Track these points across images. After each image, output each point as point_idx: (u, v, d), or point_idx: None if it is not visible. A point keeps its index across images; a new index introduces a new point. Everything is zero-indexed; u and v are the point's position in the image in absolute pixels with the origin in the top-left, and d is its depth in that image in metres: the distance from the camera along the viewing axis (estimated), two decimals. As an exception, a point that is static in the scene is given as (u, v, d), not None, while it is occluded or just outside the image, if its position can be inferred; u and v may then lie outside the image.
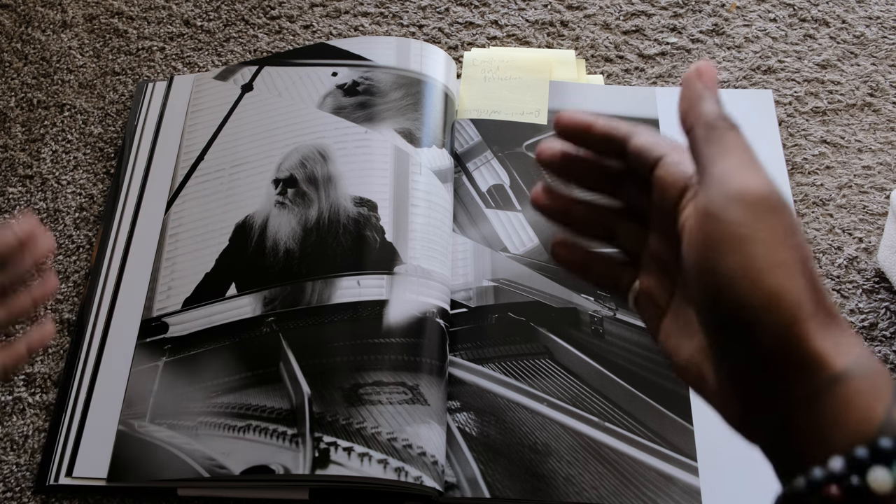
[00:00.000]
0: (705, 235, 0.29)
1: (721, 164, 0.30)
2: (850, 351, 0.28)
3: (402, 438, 0.49)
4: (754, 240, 0.28)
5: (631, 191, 0.36)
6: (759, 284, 0.27)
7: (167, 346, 0.55)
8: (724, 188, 0.29)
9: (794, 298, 0.27)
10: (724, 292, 0.28)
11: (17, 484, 0.51)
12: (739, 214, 0.28)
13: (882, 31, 0.70)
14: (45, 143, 0.65)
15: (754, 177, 0.29)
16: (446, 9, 0.72)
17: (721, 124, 0.31)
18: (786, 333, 0.27)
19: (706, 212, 0.29)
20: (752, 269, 0.28)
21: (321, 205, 0.58)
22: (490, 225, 0.59)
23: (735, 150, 0.30)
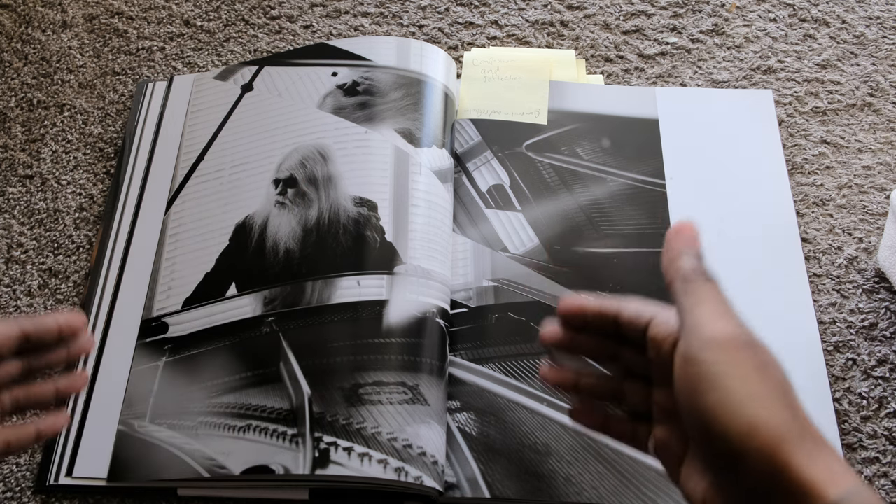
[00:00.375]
0: (687, 378, 0.32)
1: (696, 313, 0.33)
2: (844, 479, 0.29)
3: (402, 438, 0.49)
4: (729, 376, 0.31)
5: (630, 355, 0.39)
6: (737, 416, 0.30)
7: (167, 346, 0.55)
8: (699, 334, 0.32)
9: (773, 426, 0.29)
10: (709, 427, 0.30)
11: (17, 484, 0.51)
12: (713, 355, 0.31)
13: (882, 31, 0.70)
14: (45, 143, 0.65)
15: (725, 323, 0.32)
16: (446, 9, 0.72)
17: (696, 278, 0.35)
18: (771, 461, 0.29)
19: (685, 357, 0.32)
20: (730, 402, 0.30)
21: (321, 205, 0.58)
22: (490, 225, 0.59)
23: (708, 300, 0.34)
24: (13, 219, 0.62)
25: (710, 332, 0.32)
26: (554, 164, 0.62)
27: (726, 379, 0.31)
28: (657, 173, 0.62)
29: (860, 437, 0.52)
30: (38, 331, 0.42)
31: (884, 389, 0.54)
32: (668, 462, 0.36)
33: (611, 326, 0.39)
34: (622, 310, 0.38)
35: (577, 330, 0.41)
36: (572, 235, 0.59)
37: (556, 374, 0.41)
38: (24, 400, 0.43)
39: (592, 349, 0.40)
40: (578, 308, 0.40)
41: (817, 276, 0.58)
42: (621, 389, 0.40)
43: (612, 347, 0.40)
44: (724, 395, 0.30)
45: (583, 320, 0.40)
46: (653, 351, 0.36)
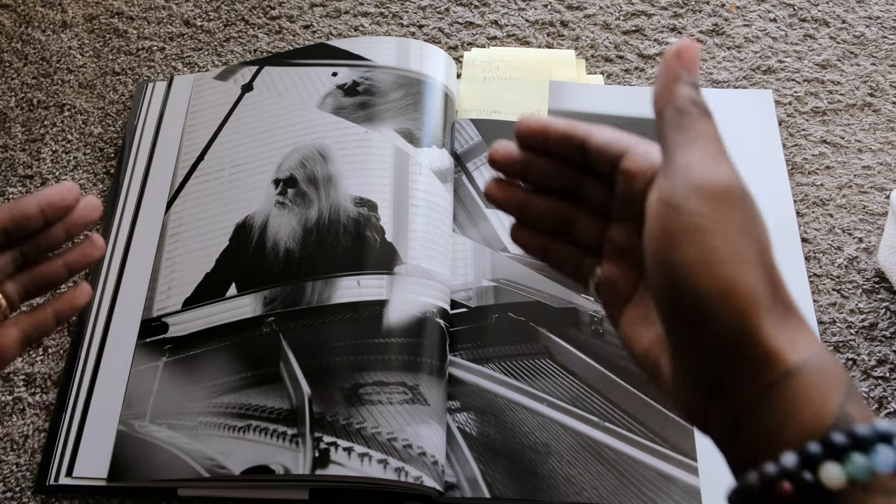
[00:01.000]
0: (665, 226, 0.29)
1: (686, 152, 0.29)
2: (806, 346, 0.28)
3: (402, 438, 0.49)
4: (713, 231, 0.28)
5: (588, 187, 0.36)
6: (716, 276, 0.27)
7: (167, 346, 0.55)
8: (687, 178, 0.29)
9: (750, 291, 0.27)
10: (681, 283, 0.28)
11: (17, 484, 0.51)
12: (700, 205, 0.28)
13: (882, 31, 0.70)
14: (45, 143, 0.65)
15: (719, 168, 0.29)
16: (446, 9, 0.72)
17: (693, 110, 0.30)
18: (740, 326, 0.27)
19: (667, 202, 0.29)
20: (709, 260, 0.27)
21: (321, 205, 0.58)
22: (490, 225, 0.59)
23: (703, 138, 0.30)
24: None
25: (700, 176, 0.28)
26: (554, 164, 0.62)
27: (709, 235, 0.28)
28: (657, 173, 0.61)
29: (860, 437, 0.52)
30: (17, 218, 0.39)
31: (884, 389, 0.54)
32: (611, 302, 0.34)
33: (575, 152, 0.35)
34: (592, 134, 0.35)
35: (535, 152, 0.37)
36: (572, 235, 0.59)
37: (504, 190, 0.38)
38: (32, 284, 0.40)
39: (549, 175, 0.37)
40: (541, 127, 0.36)
41: (817, 276, 0.58)
42: (572, 219, 0.36)
43: (571, 175, 0.36)
44: (705, 251, 0.27)
45: (544, 141, 0.36)
46: (623, 184, 0.33)
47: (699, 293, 0.27)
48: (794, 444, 0.26)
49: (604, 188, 0.36)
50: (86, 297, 0.42)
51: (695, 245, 0.28)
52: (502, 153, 0.37)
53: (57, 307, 0.42)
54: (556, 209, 0.37)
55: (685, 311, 0.28)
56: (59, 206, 0.40)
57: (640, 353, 0.32)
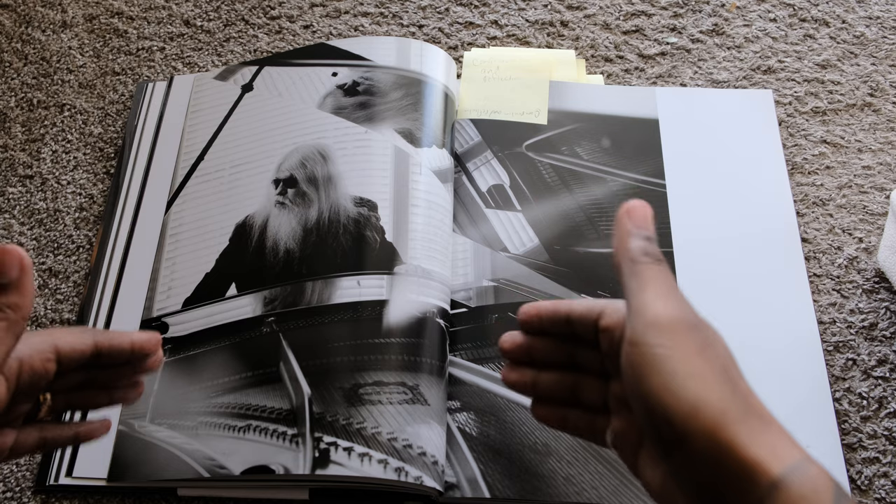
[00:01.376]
0: (631, 362, 0.32)
1: (640, 296, 0.33)
2: (788, 454, 0.29)
3: (403, 438, 0.49)
4: (671, 358, 0.30)
5: (584, 353, 0.39)
6: (680, 397, 0.30)
7: (167, 347, 0.55)
8: (642, 318, 0.32)
9: (715, 405, 0.29)
10: (653, 409, 0.30)
11: (17, 484, 0.51)
12: (655, 338, 0.31)
13: (882, 31, 0.70)
14: (45, 143, 0.65)
15: (667, 304, 0.32)
16: (446, 9, 0.72)
17: (644, 259, 0.34)
18: (714, 441, 0.29)
19: (630, 341, 0.32)
20: (672, 384, 0.30)
21: (321, 205, 0.58)
22: (490, 225, 0.59)
23: (653, 282, 0.33)
24: (13, 219, 0.62)
25: (652, 313, 0.32)
26: (554, 164, 0.62)
27: (668, 361, 0.30)
28: (657, 173, 0.62)
29: (860, 437, 0.52)
30: (112, 348, 0.41)
31: (884, 389, 0.54)
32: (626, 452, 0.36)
33: (564, 326, 0.39)
34: (573, 307, 0.39)
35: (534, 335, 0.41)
36: (572, 235, 0.59)
37: (516, 375, 0.42)
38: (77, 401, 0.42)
39: (549, 352, 0.41)
40: (535, 312, 0.40)
41: (817, 276, 0.58)
42: (577, 386, 0.40)
43: (567, 348, 0.40)
44: (666, 378, 0.30)
45: (539, 324, 0.40)
46: (605, 342, 0.37)
47: (669, 416, 0.30)
48: None
49: (594, 353, 0.39)
50: (105, 432, 0.44)
51: (657, 373, 0.30)
52: (509, 342, 0.41)
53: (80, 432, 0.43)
54: (562, 381, 0.40)
55: (663, 435, 0.30)
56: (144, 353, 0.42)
57: (657, 491, 0.34)
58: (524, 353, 0.41)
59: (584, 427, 0.40)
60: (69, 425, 0.42)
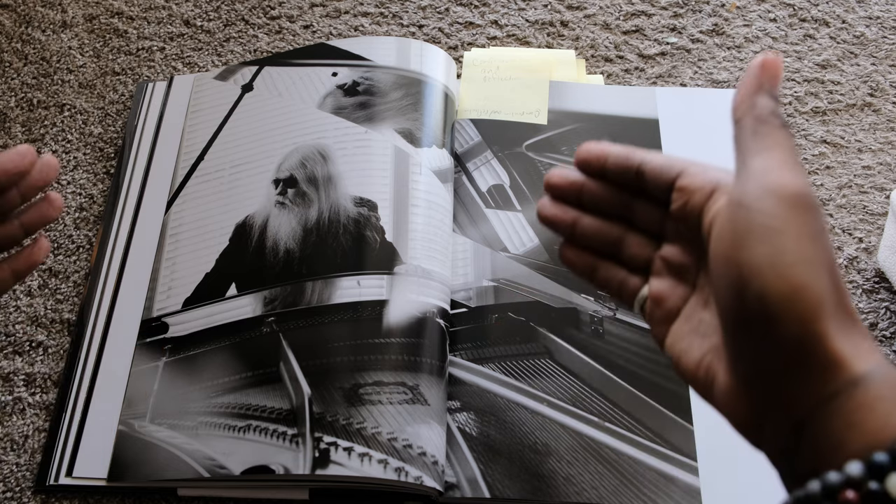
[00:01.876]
0: (736, 226, 0.29)
1: (762, 158, 0.30)
2: (870, 356, 0.28)
3: (403, 438, 0.49)
4: (784, 233, 0.28)
5: (639, 209, 0.37)
6: (785, 276, 0.28)
7: (167, 346, 0.55)
8: (761, 181, 0.29)
9: (817, 294, 0.28)
10: (749, 282, 0.28)
11: (17, 484, 0.51)
12: (773, 207, 0.29)
13: (882, 31, 0.70)
14: (45, 143, 0.65)
15: (793, 175, 0.30)
16: (446, 9, 0.72)
17: (772, 120, 0.31)
18: (807, 329, 0.27)
19: (740, 202, 0.30)
20: (780, 261, 0.28)
21: (321, 205, 0.58)
22: (490, 225, 0.59)
23: (779, 147, 0.31)
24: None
25: (776, 180, 0.29)
26: (554, 164, 0.62)
27: (781, 235, 0.28)
28: (657, 173, 0.62)
29: (860, 437, 0.52)
30: None
31: (884, 389, 0.54)
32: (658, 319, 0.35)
33: (631, 177, 0.37)
34: (647, 158, 0.36)
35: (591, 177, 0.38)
36: (572, 235, 0.59)
37: (557, 210, 0.39)
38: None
39: (603, 198, 0.38)
40: (601, 152, 0.38)
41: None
42: (620, 240, 0.38)
43: (624, 198, 0.38)
44: (775, 252, 0.28)
45: (602, 167, 0.38)
46: (680, 202, 0.35)
47: (767, 294, 0.28)
48: (858, 454, 0.26)
49: (655, 210, 0.37)
50: (44, 253, 0.42)
51: (765, 245, 0.28)
52: (559, 177, 0.39)
53: (15, 265, 0.42)
54: (605, 230, 0.38)
55: (750, 312, 0.28)
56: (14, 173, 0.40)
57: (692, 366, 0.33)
58: (572, 192, 0.39)
59: (614, 282, 0.38)
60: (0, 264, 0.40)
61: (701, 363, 0.32)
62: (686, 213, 0.34)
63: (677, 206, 0.35)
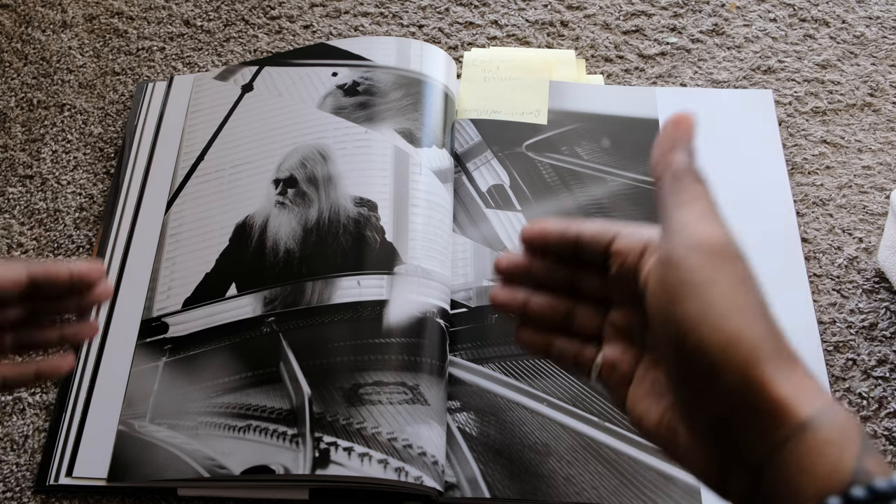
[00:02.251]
0: (667, 282, 0.30)
1: (683, 213, 0.31)
2: (815, 398, 0.28)
3: (403, 438, 0.49)
4: (713, 285, 0.29)
5: (584, 279, 0.38)
6: (719, 327, 0.28)
7: (167, 346, 0.55)
8: (684, 236, 0.30)
9: (752, 341, 0.28)
10: (685, 337, 0.29)
11: (17, 484, 0.51)
12: (699, 261, 0.29)
13: (882, 31, 0.70)
14: (45, 143, 0.65)
15: (713, 227, 0.30)
16: (446, 9, 0.72)
17: (687, 176, 0.33)
18: (746, 377, 0.28)
19: (667, 259, 0.30)
20: (712, 313, 0.29)
21: (321, 205, 0.58)
22: (490, 225, 0.59)
23: (697, 200, 0.32)
24: (13, 219, 0.62)
25: (698, 234, 0.30)
26: (554, 164, 0.62)
27: (710, 287, 0.29)
28: (657, 173, 0.62)
29: (860, 437, 0.52)
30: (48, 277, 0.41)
31: (884, 389, 0.54)
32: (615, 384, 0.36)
33: (570, 248, 0.38)
34: (584, 229, 0.37)
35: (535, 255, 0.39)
36: (572, 235, 0.59)
37: (507, 294, 0.40)
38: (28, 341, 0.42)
39: (547, 273, 0.39)
40: (541, 231, 0.39)
41: (817, 276, 0.58)
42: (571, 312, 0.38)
43: (568, 271, 0.39)
44: (706, 305, 0.29)
45: (544, 244, 0.39)
46: (616, 265, 0.35)
47: (703, 346, 0.28)
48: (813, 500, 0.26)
49: (597, 278, 0.38)
50: (68, 367, 0.44)
51: (696, 299, 0.29)
52: (506, 262, 0.40)
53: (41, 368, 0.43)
54: (555, 305, 0.39)
55: (691, 365, 0.29)
56: (87, 282, 0.42)
57: (653, 426, 0.33)
58: (520, 274, 0.40)
59: (570, 356, 0.38)
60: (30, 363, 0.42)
61: (661, 423, 0.33)
62: (623, 274, 0.35)
63: (615, 269, 0.36)
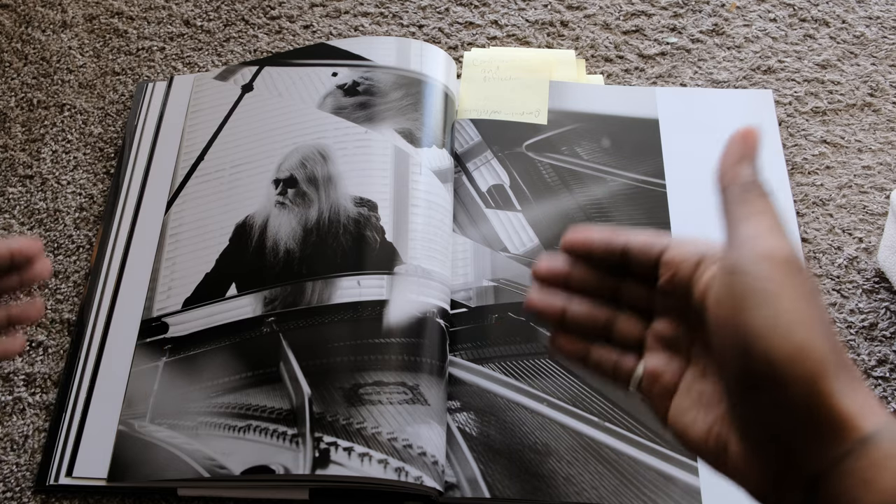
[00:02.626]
0: (734, 292, 0.30)
1: (751, 225, 0.32)
2: (876, 413, 0.28)
3: (403, 438, 0.49)
4: (782, 296, 0.29)
5: (627, 288, 0.38)
6: (788, 337, 0.28)
7: (167, 347, 0.55)
8: (753, 247, 0.31)
9: (819, 354, 0.28)
10: (753, 346, 0.29)
11: (17, 484, 0.51)
12: (767, 272, 0.30)
13: (882, 31, 0.70)
14: (45, 143, 0.65)
15: (780, 240, 0.31)
16: (446, 9, 0.72)
17: (755, 188, 0.33)
18: (813, 389, 0.28)
19: (734, 269, 0.31)
20: (781, 323, 0.29)
21: (321, 205, 0.58)
22: (490, 225, 0.59)
23: (764, 214, 0.32)
24: (13, 219, 0.62)
25: (766, 245, 0.30)
26: (554, 164, 0.62)
27: (778, 298, 0.29)
28: (657, 173, 0.62)
29: (860, 437, 0.52)
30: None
31: (884, 389, 0.54)
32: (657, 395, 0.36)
33: (616, 259, 0.38)
34: (632, 239, 0.37)
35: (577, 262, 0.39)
36: (572, 235, 0.59)
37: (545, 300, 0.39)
38: None
39: (590, 283, 0.39)
40: (586, 239, 0.38)
41: (817, 276, 0.58)
42: (610, 322, 0.38)
43: (611, 280, 0.38)
44: (774, 315, 0.29)
45: (587, 252, 0.38)
46: (667, 275, 0.35)
47: (771, 356, 0.28)
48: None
49: (641, 287, 0.38)
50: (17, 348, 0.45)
51: (765, 308, 0.29)
52: (546, 267, 0.39)
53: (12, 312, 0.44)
54: (594, 314, 0.39)
55: (757, 376, 0.29)
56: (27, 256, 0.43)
57: (700, 437, 0.33)
58: (560, 281, 0.39)
59: (607, 366, 0.38)
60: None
61: (710, 434, 0.33)
62: (674, 285, 0.35)
63: (665, 279, 0.36)
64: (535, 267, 0.40)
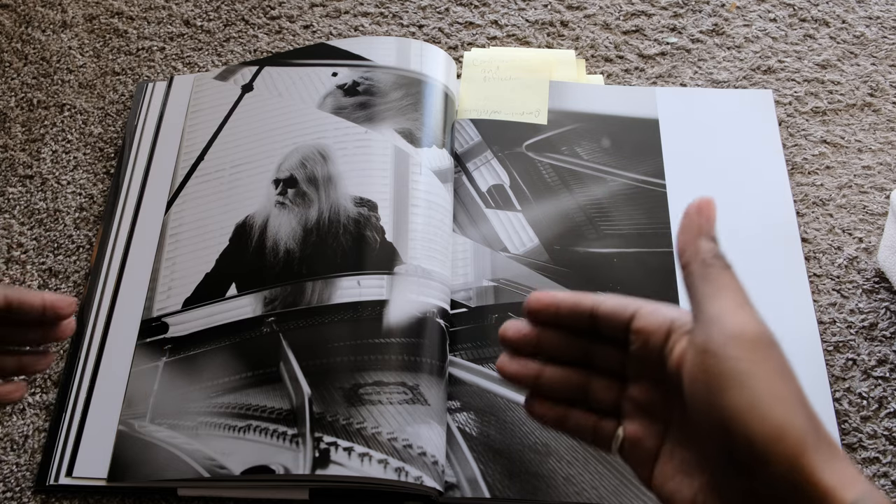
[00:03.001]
0: (707, 372, 0.30)
1: (716, 302, 0.31)
2: (856, 482, 0.29)
3: (403, 438, 0.49)
4: (756, 375, 0.29)
5: (599, 352, 0.38)
6: (767, 419, 0.29)
7: (167, 346, 0.55)
8: (721, 327, 0.31)
9: (797, 431, 0.29)
10: (732, 428, 0.29)
11: (17, 484, 0.51)
12: (738, 352, 0.30)
13: (882, 31, 0.70)
14: (45, 143, 0.65)
15: (748, 317, 0.31)
16: (446, 9, 0.72)
17: (716, 263, 0.33)
18: (793, 466, 0.28)
19: (705, 349, 0.31)
20: (758, 404, 0.29)
21: (321, 205, 0.58)
22: (490, 225, 0.59)
23: (728, 289, 0.32)
24: (13, 219, 0.62)
25: (734, 325, 0.30)
26: (554, 164, 0.62)
27: (753, 378, 0.29)
28: (657, 173, 0.62)
29: (860, 437, 0.52)
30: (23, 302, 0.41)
31: (884, 389, 0.54)
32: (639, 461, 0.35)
33: (585, 322, 0.37)
34: (600, 303, 0.37)
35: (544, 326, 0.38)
36: (572, 235, 0.59)
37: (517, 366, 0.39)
38: None
39: (560, 346, 0.38)
40: (551, 302, 0.38)
41: (817, 276, 0.58)
42: (585, 385, 0.38)
43: (582, 343, 0.38)
44: (751, 396, 0.29)
45: (555, 316, 0.38)
46: (638, 343, 0.35)
47: (751, 438, 0.29)
48: None
49: (614, 351, 0.37)
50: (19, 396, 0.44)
51: (740, 390, 0.29)
52: (513, 332, 0.39)
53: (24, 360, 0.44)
54: (569, 378, 0.38)
55: (739, 455, 0.29)
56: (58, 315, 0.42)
57: None
58: (529, 345, 0.39)
59: (586, 429, 0.38)
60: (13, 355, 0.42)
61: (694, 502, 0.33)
62: (646, 353, 0.35)
63: (636, 347, 0.35)
64: (503, 331, 0.39)
